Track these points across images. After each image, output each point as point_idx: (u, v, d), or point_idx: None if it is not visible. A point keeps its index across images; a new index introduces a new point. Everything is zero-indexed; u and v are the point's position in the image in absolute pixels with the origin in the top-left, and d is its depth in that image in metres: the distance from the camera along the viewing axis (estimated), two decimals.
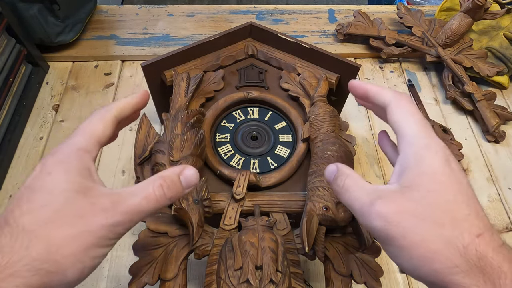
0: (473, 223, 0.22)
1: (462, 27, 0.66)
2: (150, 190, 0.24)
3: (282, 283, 0.32)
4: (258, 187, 0.41)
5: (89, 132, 0.26)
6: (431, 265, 0.22)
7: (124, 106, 0.29)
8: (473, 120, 0.64)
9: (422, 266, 0.22)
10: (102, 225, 0.23)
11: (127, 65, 0.69)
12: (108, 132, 0.27)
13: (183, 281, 0.35)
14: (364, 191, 0.25)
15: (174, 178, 0.26)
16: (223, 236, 0.37)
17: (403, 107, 0.27)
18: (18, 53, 0.59)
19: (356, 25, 0.72)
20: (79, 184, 0.23)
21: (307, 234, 0.34)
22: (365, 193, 0.25)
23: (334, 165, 0.28)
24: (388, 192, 0.24)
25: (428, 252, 0.22)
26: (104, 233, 0.23)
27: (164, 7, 0.78)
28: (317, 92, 0.47)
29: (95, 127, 0.26)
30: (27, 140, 0.58)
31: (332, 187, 0.28)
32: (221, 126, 0.47)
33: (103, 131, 0.26)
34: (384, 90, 0.29)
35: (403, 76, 0.70)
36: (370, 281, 0.36)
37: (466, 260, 0.21)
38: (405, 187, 0.24)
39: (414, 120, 0.26)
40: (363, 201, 0.25)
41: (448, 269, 0.21)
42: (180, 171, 0.26)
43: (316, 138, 0.42)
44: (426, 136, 0.25)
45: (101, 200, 0.23)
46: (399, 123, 0.26)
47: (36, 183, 0.23)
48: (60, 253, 0.21)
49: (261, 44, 0.53)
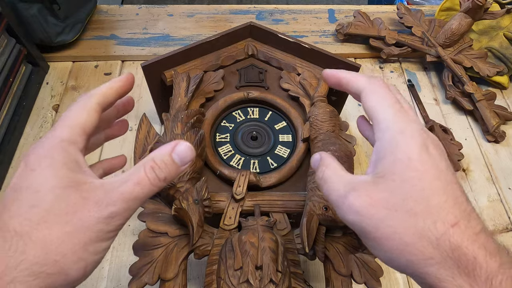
0: (448, 210, 0.21)
1: (462, 27, 0.66)
2: (142, 174, 0.23)
3: (282, 283, 0.32)
4: (258, 187, 0.41)
5: (71, 122, 0.24)
6: (406, 257, 0.21)
7: (107, 92, 0.26)
8: (473, 120, 0.64)
9: (397, 258, 0.22)
10: (98, 219, 0.22)
11: (127, 65, 0.69)
12: (93, 119, 0.25)
13: (183, 281, 0.35)
14: (341, 183, 0.25)
15: (165, 158, 0.24)
16: (223, 236, 0.37)
17: (376, 92, 0.25)
18: (18, 53, 0.59)
19: (356, 25, 0.72)
20: (67, 178, 0.22)
21: (307, 234, 0.34)
22: (342, 185, 0.24)
23: (318, 154, 0.28)
24: (362, 183, 0.23)
25: (401, 244, 0.21)
26: (101, 226, 0.22)
27: (164, 7, 0.78)
28: (317, 92, 0.47)
29: (77, 116, 0.24)
30: (27, 141, 0.58)
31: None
32: (221, 126, 0.47)
33: (86, 119, 0.24)
34: (357, 76, 0.27)
35: (403, 76, 0.70)
36: (370, 281, 0.36)
37: (439, 251, 0.20)
38: (379, 177, 0.23)
39: (387, 104, 0.24)
40: (339, 193, 0.24)
41: (423, 261, 0.21)
42: (172, 149, 0.25)
43: (316, 138, 0.42)
44: (401, 121, 0.24)
45: (93, 193, 0.22)
46: (373, 109, 0.25)
47: (22, 182, 0.22)
48: (59, 252, 0.20)
49: (261, 44, 0.53)
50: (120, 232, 0.53)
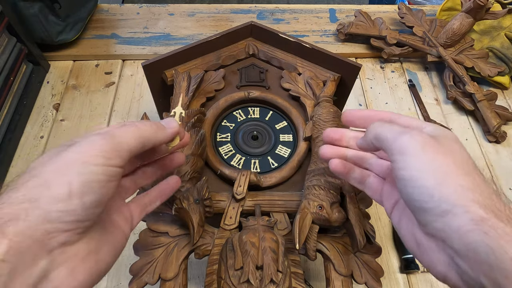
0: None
1: (464, 27, 0.66)
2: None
3: (283, 283, 0.32)
4: (258, 187, 0.41)
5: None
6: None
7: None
8: (474, 120, 0.64)
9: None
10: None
11: (128, 64, 0.69)
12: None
13: (183, 280, 0.35)
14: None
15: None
16: (224, 236, 0.37)
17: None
18: (19, 52, 0.59)
19: (357, 24, 0.71)
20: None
21: (299, 231, 0.34)
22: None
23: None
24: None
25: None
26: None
27: (165, 6, 0.78)
28: (323, 92, 0.47)
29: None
30: (28, 139, 0.58)
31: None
32: (221, 126, 0.47)
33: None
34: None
35: (404, 76, 0.70)
36: (371, 281, 0.36)
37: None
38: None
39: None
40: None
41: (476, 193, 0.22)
42: None
43: (317, 138, 0.42)
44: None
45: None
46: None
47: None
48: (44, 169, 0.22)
49: (262, 43, 0.53)
50: None
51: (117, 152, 0.23)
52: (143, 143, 0.25)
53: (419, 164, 0.23)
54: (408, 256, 0.47)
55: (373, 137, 0.27)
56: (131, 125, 0.25)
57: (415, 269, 0.46)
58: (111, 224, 0.26)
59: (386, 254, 0.49)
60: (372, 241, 0.37)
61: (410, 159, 0.24)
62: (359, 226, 0.35)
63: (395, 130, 0.26)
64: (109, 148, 0.23)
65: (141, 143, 0.25)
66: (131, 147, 0.24)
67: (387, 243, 0.50)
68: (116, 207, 0.27)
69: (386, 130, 0.26)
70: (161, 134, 0.27)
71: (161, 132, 0.27)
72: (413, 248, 0.26)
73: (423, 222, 0.24)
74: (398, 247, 0.49)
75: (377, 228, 0.51)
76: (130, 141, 0.24)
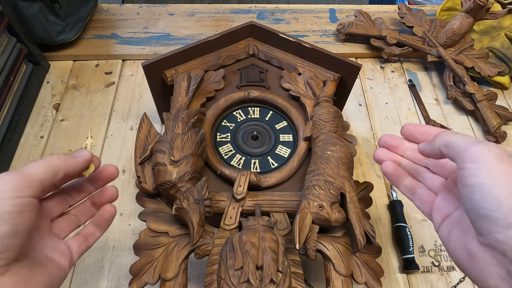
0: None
1: (464, 27, 0.66)
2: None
3: (283, 283, 0.32)
4: (258, 187, 0.41)
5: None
6: None
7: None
8: (474, 120, 0.64)
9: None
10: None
11: (128, 64, 0.69)
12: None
13: (183, 280, 0.35)
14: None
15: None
16: (224, 236, 0.37)
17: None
18: (19, 52, 0.59)
19: (357, 24, 0.71)
20: None
21: (299, 231, 0.34)
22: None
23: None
24: None
25: None
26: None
27: (165, 6, 0.78)
28: (323, 92, 0.47)
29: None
30: (28, 139, 0.58)
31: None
32: (221, 126, 0.47)
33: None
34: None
35: (404, 76, 0.70)
36: (371, 281, 0.36)
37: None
38: None
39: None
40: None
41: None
42: None
43: (317, 138, 0.42)
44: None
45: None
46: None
47: None
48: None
49: (262, 43, 0.53)
50: (121, 231, 0.53)
51: (27, 183, 0.25)
52: (54, 172, 0.27)
53: (493, 173, 0.24)
54: (408, 256, 0.47)
55: (442, 144, 0.27)
56: (41, 159, 0.27)
57: (415, 269, 0.46)
58: (45, 260, 0.28)
59: (386, 254, 0.49)
60: (372, 241, 0.37)
61: (483, 168, 0.24)
62: (359, 226, 0.35)
63: (469, 139, 0.26)
64: (18, 180, 0.25)
65: (52, 172, 0.27)
66: (42, 176, 0.26)
67: (387, 243, 0.50)
68: (49, 243, 0.29)
69: (459, 139, 0.26)
70: (71, 162, 0.29)
71: (72, 161, 0.29)
72: (463, 261, 0.26)
73: (484, 232, 0.24)
74: (398, 247, 0.49)
75: (377, 228, 0.51)
76: (39, 171, 0.26)
